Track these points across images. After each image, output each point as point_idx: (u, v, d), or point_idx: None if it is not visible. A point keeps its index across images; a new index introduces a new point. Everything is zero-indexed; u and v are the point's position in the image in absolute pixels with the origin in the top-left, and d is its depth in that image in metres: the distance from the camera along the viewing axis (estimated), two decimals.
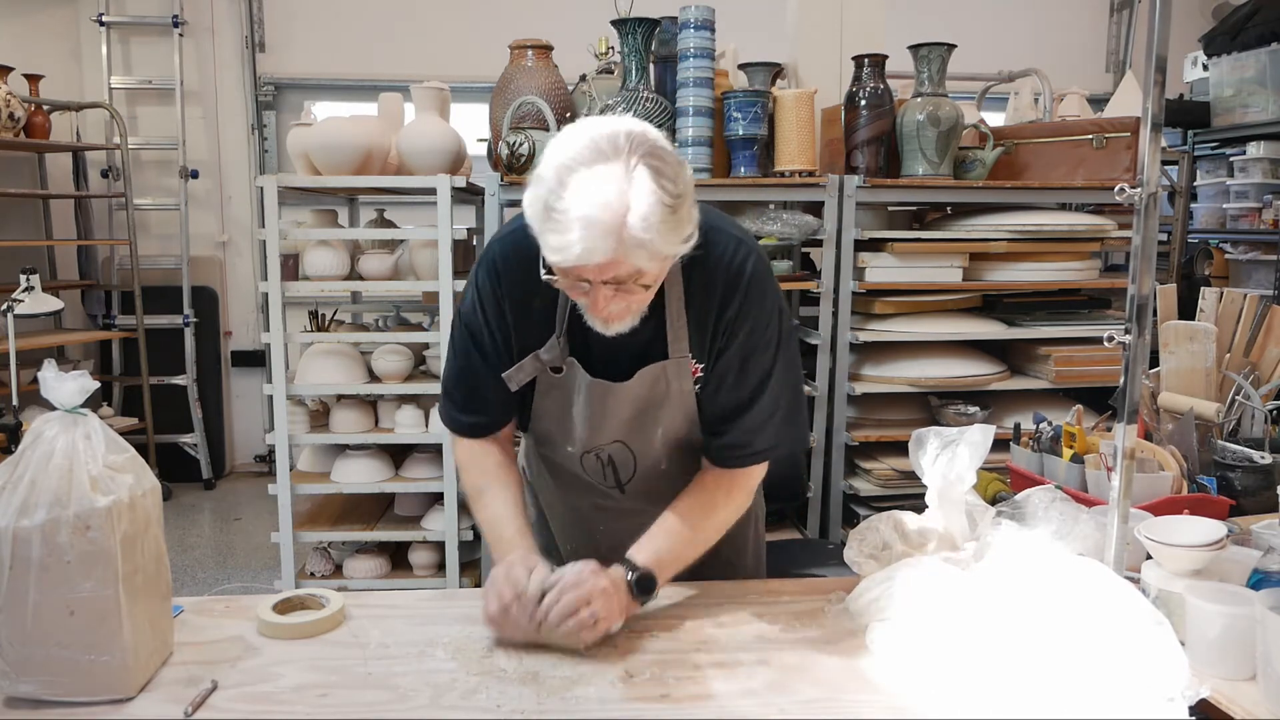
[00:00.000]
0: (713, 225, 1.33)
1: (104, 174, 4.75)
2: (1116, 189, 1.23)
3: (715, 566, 1.50)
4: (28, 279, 3.25)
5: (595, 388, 1.38)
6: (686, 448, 1.45)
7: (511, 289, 1.37)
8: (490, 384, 1.42)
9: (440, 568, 3.06)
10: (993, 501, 1.61)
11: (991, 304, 3.12)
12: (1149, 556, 1.34)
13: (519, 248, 1.29)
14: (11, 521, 1.06)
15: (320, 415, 3.13)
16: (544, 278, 1.23)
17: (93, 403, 3.66)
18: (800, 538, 2.99)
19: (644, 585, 1.31)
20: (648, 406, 1.40)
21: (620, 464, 1.46)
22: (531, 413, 1.47)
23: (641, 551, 1.34)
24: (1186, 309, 2.09)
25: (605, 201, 1.10)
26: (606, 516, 1.52)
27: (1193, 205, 4.30)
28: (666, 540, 1.36)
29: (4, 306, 3.16)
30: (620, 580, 1.30)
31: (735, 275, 1.33)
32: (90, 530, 1.08)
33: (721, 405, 1.39)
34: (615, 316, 1.25)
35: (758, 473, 1.45)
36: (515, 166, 2.73)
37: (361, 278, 3.02)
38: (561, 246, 1.12)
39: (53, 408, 1.13)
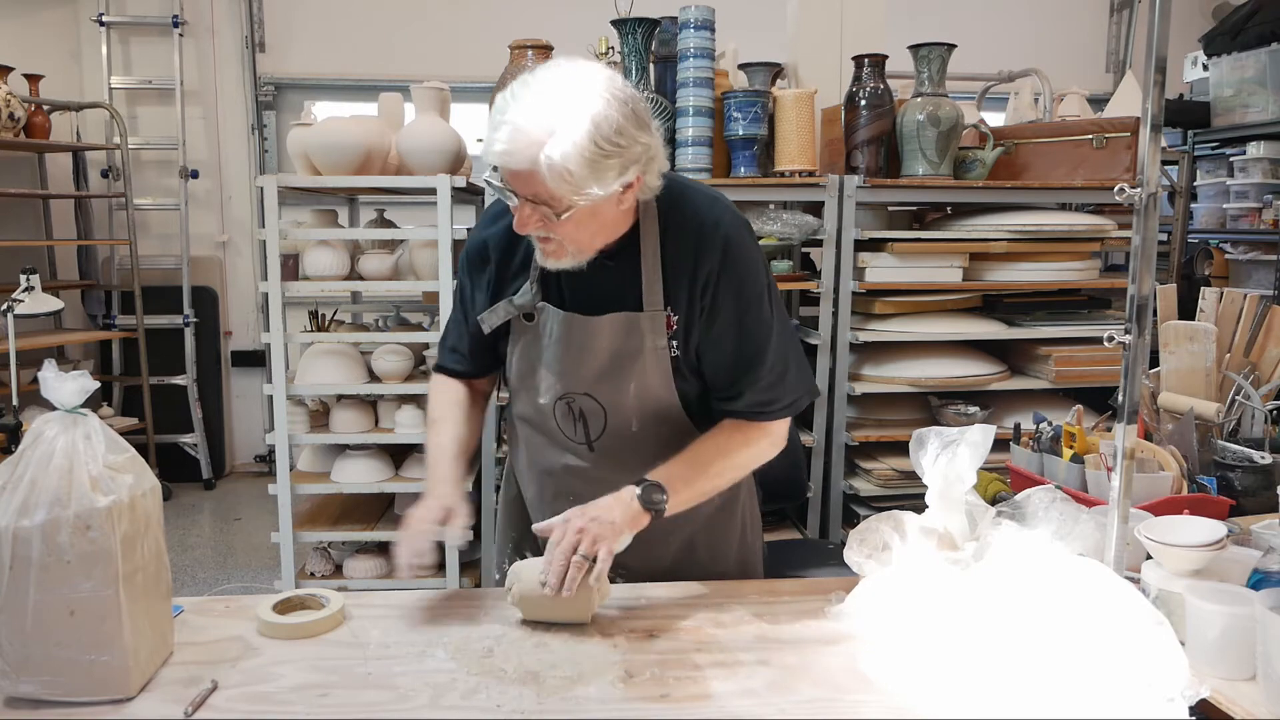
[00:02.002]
0: (687, 185, 1.41)
1: (104, 174, 4.75)
2: (1116, 189, 1.23)
3: (693, 568, 1.51)
4: (28, 279, 3.25)
5: (568, 323, 1.40)
6: (660, 415, 1.44)
7: (499, 240, 1.44)
8: (467, 334, 1.52)
9: (440, 568, 3.06)
10: (993, 501, 1.61)
11: (991, 304, 3.12)
12: (1149, 556, 1.34)
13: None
14: (11, 521, 1.06)
15: (320, 415, 3.13)
16: (484, 177, 1.28)
17: (93, 403, 3.66)
18: (800, 538, 2.99)
19: (650, 493, 1.32)
20: (621, 358, 1.40)
21: (590, 417, 1.45)
22: (509, 370, 1.51)
23: (654, 473, 1.36)
24: (1186, 309, 2.09)
25: (538, 119, 1.18)
26: (578, 481, 1.50)
27: (1193, 205, 4.30)
28: (680, 464, 1.38)
29: (4, 306, 3.16)
30: (627, 495, 1.32)
31: (711, 229, 1.36)
32: (90, 530, 1.08)
33: (731, 366, 1.40)
34: (549, 254, 1.32)
35: (781, 424, 1.46)
36: None
37: (361, 278, 3.02)
38: (489, 141, 1.21)
39: (53, 408, 1.13)
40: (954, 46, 2.91)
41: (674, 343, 1.39)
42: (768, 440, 1.45)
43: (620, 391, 1.42)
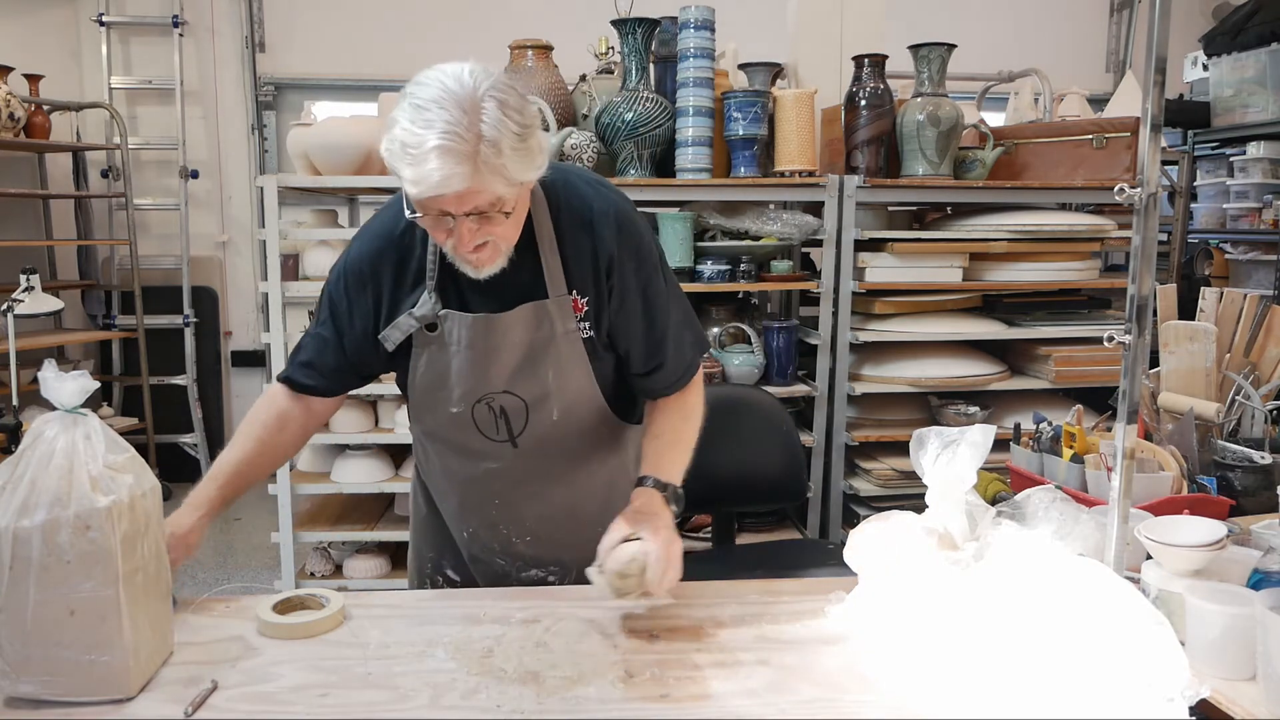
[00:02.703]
0: (570, 170, 1.44)
1: (104, 174, 4.74)
2: (1116, 189, 1.23)
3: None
4: (28, 279, 3.24)
5: (476, 325, 1.39)
6: (579, 401, 1.45)
7: (391, 257, 1.41)
8: (334, 350, 1.47)
9: None
10: (993, 501, 1.61)
11: (991, 304, 3.12)
12: (1149, 556, 1.34)
13: (397, 216, 1.32)
14: (11, 521, 1.06)
15: None
16: (408, 216, 1.26)
17: (93, 403, 3.66)
18: (800, 538, 2.99)
19: (673, 494, 1.37)
20: (535, 350, 1.40)
21: (512, 414, 1.45)
22: (411, 387, 1.47)
23: (653, 471, 1.39)
24: (1186, 309, 2.09)
25: (458, 132, 1.15)
26: (501, 482, 1.50)
27: (1193, 205, 4.30)
28: (659, 452, 1.43)
29: (4, 306, 3.15)
30: (657, 504, 1.35)
31: (602, 214, 1.39)
32: (90, 530, 1.08)
33: (645, 337, 1.44)
34: (484, 261, 1.30)
35: (699, 378, 1.55)
36: None
37: None
38: (419, 178, 1.16)
39: (53, 408, 1.13)
40: (954, 46, 2.91)
41: (584, 324, 1.41)
42: (699, 394, 1.54)
43: (539, 382, 1.43)
